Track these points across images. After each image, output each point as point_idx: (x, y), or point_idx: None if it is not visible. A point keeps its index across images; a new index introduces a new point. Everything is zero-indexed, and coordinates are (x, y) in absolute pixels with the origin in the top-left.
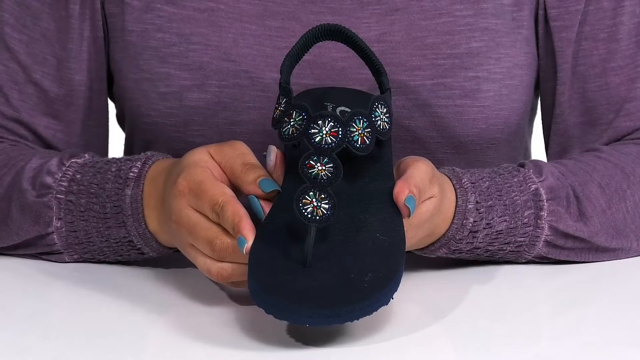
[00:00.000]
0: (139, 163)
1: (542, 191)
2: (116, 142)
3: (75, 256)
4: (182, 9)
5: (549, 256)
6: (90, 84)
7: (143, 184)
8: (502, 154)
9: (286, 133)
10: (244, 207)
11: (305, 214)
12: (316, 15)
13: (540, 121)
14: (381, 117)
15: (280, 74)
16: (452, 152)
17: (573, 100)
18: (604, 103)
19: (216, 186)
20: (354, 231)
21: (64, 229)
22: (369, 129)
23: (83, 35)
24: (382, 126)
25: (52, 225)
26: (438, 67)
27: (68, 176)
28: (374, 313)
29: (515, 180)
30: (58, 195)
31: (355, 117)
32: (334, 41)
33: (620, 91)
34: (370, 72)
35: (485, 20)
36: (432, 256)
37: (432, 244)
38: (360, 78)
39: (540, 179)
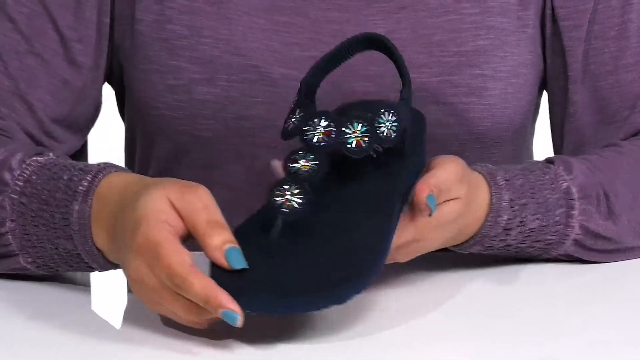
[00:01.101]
0: (90, 176)
1: (574, 190)
2: (118, 137)
3: (29, 259)
4: (193, 1)
5: (576, 255)
6: (90, 68)
7: (91, 199)
8: (505, 153)
9: (285, 129)
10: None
11: (276, 204)
12: (323, 12)
13: (541, 121)
14: (386, 124)
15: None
16: (456, 150)
17: (586, 99)
18: (617, 100)
19: (174, 253)
20: (338, 231)
21: (17, 230)
22: (368, 134)
23: (91, 18)
24: (387, 134)
25: (5, 226)
26: (444, 64)
27: (25, 176)
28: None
29: (547, 177)
30: (12, 195)
31: (354, 120)
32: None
33: (633, 87)
34: (377, 69)
35: (491, 19)
36: (465, 252)
37: (466, 241)
38: (369, 74)
39: (571, 177)
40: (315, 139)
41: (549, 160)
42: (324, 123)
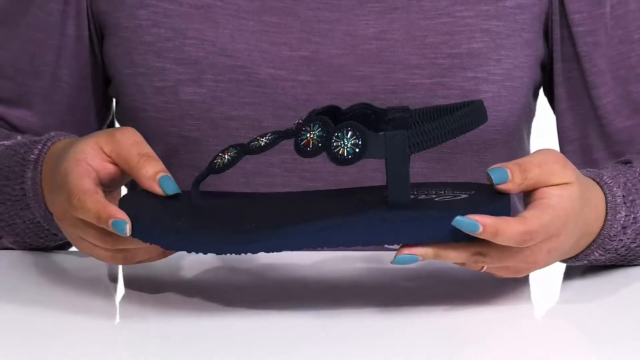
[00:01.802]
0: (40, 145)
1: None
2: None
3: (11, 239)
4: (179, 6)
5: None
6: (72, 81)
7: (41, 165)
8: (499, 156)
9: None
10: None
11: (211, 162)
12: (314, 11)
13: (541, 122)
14: (344, 141)
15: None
16: (448, 152)
17: (617, 104)
18: None
19: (74, 178)
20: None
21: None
22: (321, 141)
23: (65, 32)
24: (340, 152)
25: None
26: (437, 66)
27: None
28: None
29: (638, 175)
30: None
31: (317, 122)
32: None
33: None
34: (367, 70)
35: (486, 22)
36: (584, 262)
37: (588, 246)
38: (358, 75)
39: None
40: (289, 128)
41: (624, 161)
42: (303, 117)
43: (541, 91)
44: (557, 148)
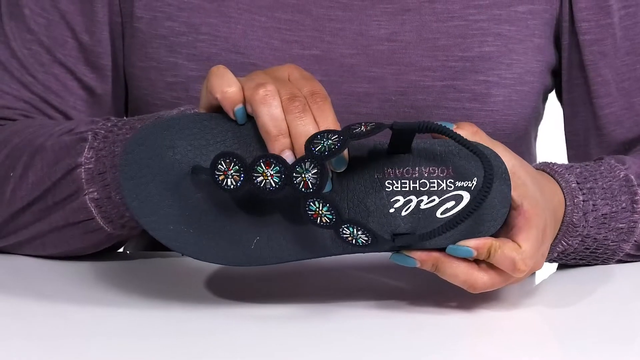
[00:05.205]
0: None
1: (632, 177)
2: None
3: (95, 194)
4: None
5: None
6: (115, 68)
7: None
8: None
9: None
10: None
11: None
12: (326, 10)
13: (546, 127)
14: (354, 234)
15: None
16: None
17: (619, 116)
18: None
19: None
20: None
21: (93, 158)
22: (330, 225)
23: (104, 20)
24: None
25: (82, 156)
26: (449, 69)
27: (107, 126)
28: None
29: (602, 168)
30: (97, 130)
31: (325, 203)
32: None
33: None
34: (378, 71)
35: (498, 26)
36: (552, 257)
37: (555, 236)
38: (369, 76)
39: (625, 167)
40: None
41: (598, 159)
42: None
43: (552, 95)
44: (564, 151)
